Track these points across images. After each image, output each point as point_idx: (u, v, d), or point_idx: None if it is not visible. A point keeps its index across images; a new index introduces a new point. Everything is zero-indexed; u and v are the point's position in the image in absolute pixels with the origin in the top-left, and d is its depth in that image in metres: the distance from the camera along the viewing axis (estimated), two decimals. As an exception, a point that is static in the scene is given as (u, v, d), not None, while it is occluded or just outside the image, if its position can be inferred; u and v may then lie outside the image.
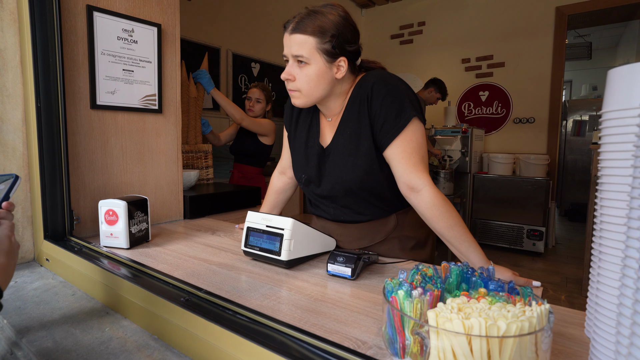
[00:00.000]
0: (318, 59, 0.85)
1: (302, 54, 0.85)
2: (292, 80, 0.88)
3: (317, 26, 0.84)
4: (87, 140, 1.14)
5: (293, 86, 0.89)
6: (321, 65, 0.86)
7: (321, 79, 0.87)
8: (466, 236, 0.83)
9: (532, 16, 3.99)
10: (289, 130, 1.10)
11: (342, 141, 0.92)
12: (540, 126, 4.04)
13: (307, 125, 1.02)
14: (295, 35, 0.85)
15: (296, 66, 0.87)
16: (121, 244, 1.00)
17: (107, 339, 0.65)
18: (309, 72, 0.86)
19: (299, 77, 0.87)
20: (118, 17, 1.19)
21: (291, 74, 0.88)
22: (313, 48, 0.84)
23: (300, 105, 0.92)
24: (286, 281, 0.79)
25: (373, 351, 0.52)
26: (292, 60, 0.87)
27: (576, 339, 0.57)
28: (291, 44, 0.86)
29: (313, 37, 0.84)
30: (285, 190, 1.22)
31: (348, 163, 0.91)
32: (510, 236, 3.77)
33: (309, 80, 0.86)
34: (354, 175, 0.91)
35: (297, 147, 1.05)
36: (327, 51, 0.85)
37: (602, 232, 0.48)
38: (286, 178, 1.20)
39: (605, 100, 0.49)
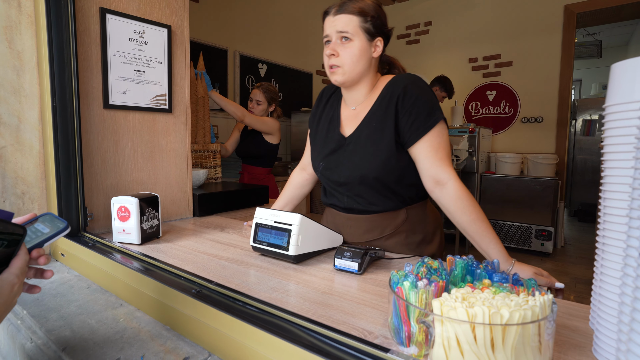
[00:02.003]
0: (361, 36, 0.94)
1: (347, 30, 0.93)
2: (336, 56, 0.95)
3: (359, 7, 0.94)
4: (100, 139, 1.17)
5: (336, 61, 0.96)
6: (363, 42, 0.95)
7: (362, 56, 0.95)
8: (488, 231, 0.86)
9: (540, 15, 3.96)
10: (312, 127, 1.16)
11: (366, 132, 0.98)
12: (549, 125, 4.00)
13: (328, 119, 1.09)
14: (340, 15, 0.94)
15: (340, 43, 0.95)
16: (133, 239, 1.02)
17: (121, 329, 0.67)
18: (353, 48, 0.94)
19: (342, 53, 0.95)
20: (130, 19, 1.22)
21: (335, 50, 0.95)
22: (357, 26, 0.94)
23: (339, 81, 0.98)
24: (294, 275, 0.81)
25: (379, 340, 0.54)
26: (336, 37, 0.95)
27: (581, 331, 0.57)
28: (336, 23, 0.94)
29: (357, 17, 0.93)
30: (303, 186, 1.25)
31: (368, 152, 0.96)
32: (518, 236, 3.74)
33: (351, 55, 0.94)
34: (372, 165, 0.95)
35: (317, 138, 1.11)
36: (368, 30, 0.94)
37: (605, 225, 0.49)
38: (306, 174, 1.24)
39: (609, 94, 0.50)
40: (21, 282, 0.51)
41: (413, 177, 0.99)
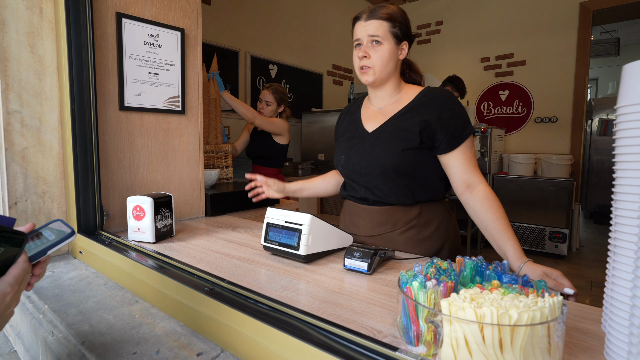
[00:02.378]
0: (390, 40, 1.02)
1: (378, 34, 1.01)
2: (368, 57, 1.03)
3: (388, 14, 1.02)
4: (116, 140, 1.20)
5: (367, 63, 1.03)
6: (392, 46, 1.03)
7: (391, 58, 1.03)
8: (506, 230, 0.91)
9: (554, 12, 3.89)
10: (337, 132, 1.25)
11: (390, 129, 1.05)
12: (563, 125, 3.93)
13: (351, 122, 1.18)
14: (372, 20, 1.02)
15: (371, 47, 1.03)
16: (147, 238, 1.05)
17: (137, 325, 0.69)
18: (383, 50, 1.02)
19: (373, 55, 1.03)
20: (144, 23, 1.25)
21: (367, 52, 1.03)
22: (386, 30, 1.02)
23: (370, 81, 1.06)
24: (304, 275, 0.82)
25: (388, 340, 0.54)
26: (367, 41, 1.03)
27: (592, 333, 0.57)
28: (367, 27, 1.02)
29: (386, 22, 1.01)
30: (332, 184, 1.29)
31: (390, 146, 1.03)
32: (531, 238, 3.68)
33: (382, 57, 1.02)
34: (393, 157, 1.02)
35: (341, 140, 1.18)
36: (396, 34, 1.03)
37: (617, 226, 0.48)
38: (339, 178, 1.29)
39: (620, 95, 0.50)
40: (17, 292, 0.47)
41: (430, 178, 1.05)
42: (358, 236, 1.12)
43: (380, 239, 1.07)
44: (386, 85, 1.09)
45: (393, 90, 1.09)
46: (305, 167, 3.37)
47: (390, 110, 1.08)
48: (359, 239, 1.12)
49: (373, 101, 1.14)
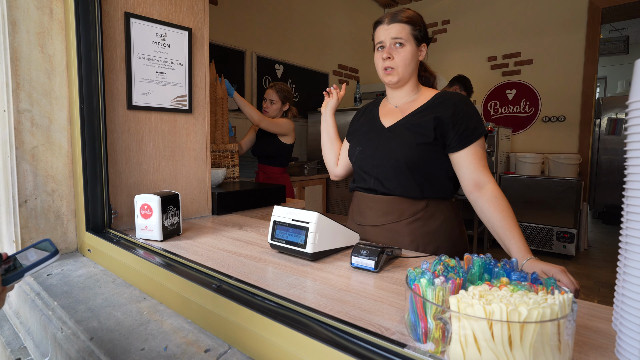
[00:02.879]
0: (412, 41, 1.07)
1: (401, 36, 1.06)
2: (392, 58, 1.08)
3: (409, 17, 1.07)
4: (124, 139, 1.21)
5: (391, 64, 1.08)
6: (413, 47, 1.08)
7: (412, 59, 1.08)
8: (512, 229, 0.91)
9: (562, 10, 3.85)
10: (350, 128, 1.29)
11: (407, 125, 1.09)
12: (572, 125, 3.89)
13: (368, 118, 1.23)
14: (394, 24, 1.07)
15: (394, 48, 1.07)
16: (155, 236, 1.06)
17: (145, 322, 0.70)
18: (405, 52, 1.07)
19: (397, 57, 1.07)
20: (152, 23, 1.26)
21: (391, 54, 1.08)
22: (408, 33, 1.07)
23: (394, 82, 1.10)
24: (311, 272, 0.82)
25: (396, 337, 0.54)
26: (390, 43, 1.08)
27: (603, 332, 0.56)
28: (390, 30, 1.07)
29: (408, 25, 1.07)
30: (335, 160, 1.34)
31: (405, 140, 1.06)
32: (539, 238, 3.65)
33: (404, 58, 1.07)
34: (407, 151, 1.05)
35: (357, 133, 1.22)
36: (416, 37, 1.08)
37: (628, 224, 0.48)
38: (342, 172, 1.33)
39: (632, 91, 0.49)
40: None
41: (440, 176, 1.07)
42: (365, 226, 1.13)
43: (385, 229, 1.09)
44: (406, 86, 1.13)
45: (411, 90, 1.14)
46: (311, 166, 3.37)
47: (408, 108, 1.12)
48: (365, 228, 1.13)
49: (391, 100, 1.18)
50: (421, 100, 1.11)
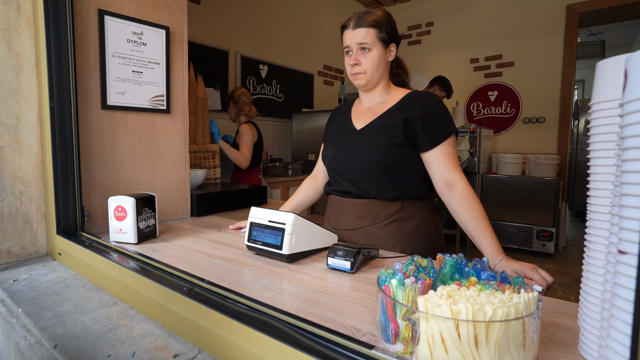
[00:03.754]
0: (378, 45, 1.06)
1: (366, 41, 1.05)
2: (358, 64, 1.07)
3: (374, 20, 1.05)
4: (98, 140, 1.18)
5: (359, 69, 1.07)
6: (380, 50, 1.06)
7: (380, 62, 1.07)
8: (484, 229, 0.92)
9: (542, 14, 3.95)
10: (326, 131, 1.27)
11: (377, 127, 1.08)
12: (551, 126, 3.99)
13: (341, 120, 1.22)
14: (359, 29, 1.05)
15: (360, 53, 1.07)
16: (129, 239, 1.03)
17: (114, 327, 0.68)
18: (372, 56, 1.06)
19: (364, 61, 1.06)
20: (128, 21, 1.23)
21: (357, 60, 1.07)
22: (374, 37, 1.05)
23: (363, 84, 1.10)
24: (287, 274, 0.81)
25: (367, 338, 0.54)
26: (357, 48, 1.06)
27: (569, 328, 0.57)
28: (355, 36, 1.05)
29: (373, 29, 1.04)
30: (313, 194, 1.32)
31: (376, 141, 1.06)
32: (519, 237, 3.72)
33: (372, 63, 1.06)
34: (378, 152, 1.05)
35: (331, 136, 1.22)
36: (383, 39, 1.06)
37: (591, 222, 0.49)
38: (317, 183, 1.32)
39: (594, 92, 0.50)
40: None
41: (413, 176, 1.07)
42: (341, 230, 1.13)
43: (362, 232, 1.09)
44: (377, 88, 1.13)
45: (382, 91, 1.13)
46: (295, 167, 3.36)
47: (379, 110, 1.12)
48: (341, 232, 1.13)
49: (363, 101, 1.18)
50: (392, 100, 1.11)
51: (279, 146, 3.99)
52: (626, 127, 0.36)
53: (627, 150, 0.36)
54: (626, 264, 0.35)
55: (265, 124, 3.80)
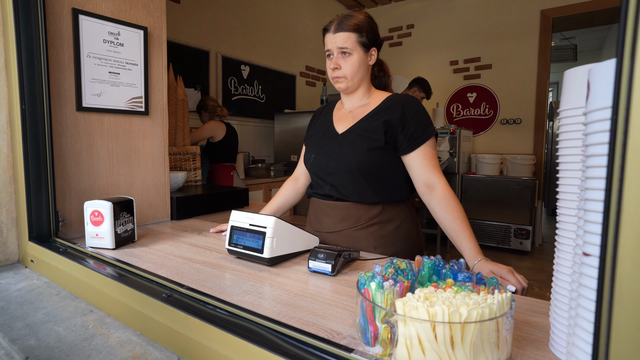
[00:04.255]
0: (359, 49, 1.06)
1: (347, 46, 1.05)
2: (339, 68, 1.07)
3: (355, 24, 1.05)
4: (73, 142, 1.15)
5: (339, 73, 1.08)
6: (361, 55, 1.07)
7: (361, 66, 1.08)
8: (463, 230, 0.94)
9: (517, 19, 4.07)
10: (307, 134, 1.28)
11: (359, 130, 1.09)
12: (527, 127, 4.11)
13: (322, 123, 1.22)
14: (339, 33, 1.05)
15: (341, 57, 1.07)
16: (107, 244, 1.01)
17: (90, 336, 0.66)
18: (353, 60, 1.06)
19: (344, 65, 1.07)
20: (104, 20, 1.20)
21: (338, 64, 1.07)
22: (354, 41, 1.05)
23: (343, 88, 1.11)
24: (268, 278, 0.81)
25: (347, 341, 0.54)
26: (337, 53, 1.07)
27: (541, 326, 0.59)
28: (336, 40, 1.06)
29: (353, 33, 1.05)
30: (295, 196, 1.31)
31: (357, 146, 1.07)
32: (498, 235, 3.82)
33: (352, 67, 1.06)
34: (359, 156, 1.05)
35: (312, 139, 1.22)
36: (364, 43, 1.06)
37: (560, 224, 0.51)
38: (298, 184, 1.31)
39: (562, 99, 0.52)
40: None
41: (395, 179, 1.08)
42: (322, 233, 1.14)
43: (343, 235, 1.09)
44: (358, 91, 1.14)
45: (363, 94, 1.14)
46: (277, 168, 3.35)
47: (360, 113, 1.13)
48: (323, 235, 1.14)
49: (345, 104, 1.19)
50: (373, 104, 1.12)
51: (260, 147, 3.96)
52: (589, 135, 0.38)
53: (590, 157, 0.38)
54: (589, 266, 0.37)
55: (247, 125, 3.77)
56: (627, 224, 0.28)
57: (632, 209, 0.28)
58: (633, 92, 0.27)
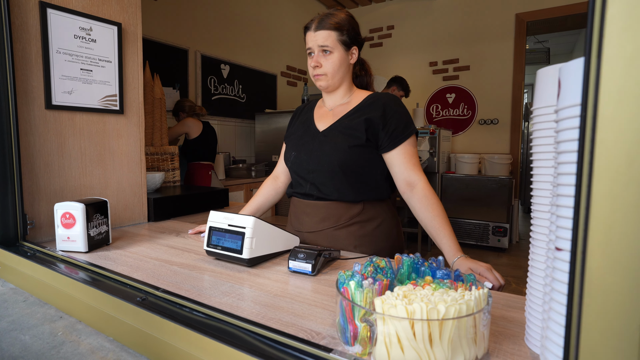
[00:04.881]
0: (339, 48, 1.07)
1: (327, 44, 1.05)
2: (320, 66, 1.08)
3: (336, 23, 1.05)
4: (42, 142, 1.10)
5: (320, 71, 1.08)
6: (342, 53, 1.07)
7: (341, 64, 1.08)
8: (443, 227, 0.95)
9: (493, 22, 4.17)
10: (288, 130, 1.27)
11: (340, 128, 1.09)
12: (504, 127, 4.22)
13: (303, 121, 1.22)
14: (320, 31, 1.06)
15: (322, 55, 1.07)
16: (79, 247, 0.97)
17: (59, 344, 0.63)
18: (333, 58, 1.07)
19: (325, 63, 1.07)
20: (74, 15, 1.16)
21: (319, 62, 1.08)
22: (335, 40, 1.06)
23: (324, 86, 1.11)
24: (248, 279, 0.80)
25: (326, 341, 0.54)
26: (318, 51, 1.07)
27: (517, 321, 0.61)
28: (317, 38, 1.06)
29: (334, 32, 1.05)
30: (275, 195, 1.30)
31: (338, 143, 1.07)
32: (477, 233, 3.91)
33: (333, 65, 1.07)
34: (340, 154, 1.06)
35: (293, 137, 1.21)
36: (344, 42, 1.07)
37: (534, 220, 0.52)
38: (277, 183, 1.30)
39: (535, 98, 0.53)
40: None
41: (375, 177, 1.08)
42: (303, 232, 1.13)
43: (323, 234, 1.09)
44: (339, 89, 1.14)
45: (344, 93, 1.15)
46: (258, 168, 3.32)
47: (341, 111, 1.13)
48: (304, 235, 1.13)
49: (326, 102, 1.19)
50: (354, 102, 1.12)
51: (241, 147, 3.92)
52: (560, 132, 0.38)
53: (561, 153, 0.39)
54: (562, 260, 0.38)
55: (228, 125, 3.72)
56: (596, 218, 0.28)
57: (601, 204, 0.28)
58: (600, 89, 0.28)
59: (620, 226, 0.28)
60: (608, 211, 0.28)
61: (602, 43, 0.28)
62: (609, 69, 0.28)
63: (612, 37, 0.27)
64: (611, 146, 0.28)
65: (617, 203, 0.28)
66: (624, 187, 0.27)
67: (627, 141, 0.27)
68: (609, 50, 0.28)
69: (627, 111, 0.27)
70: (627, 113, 0.27)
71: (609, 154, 0.28)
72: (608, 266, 0.28)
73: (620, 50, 0.27)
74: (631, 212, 0.27)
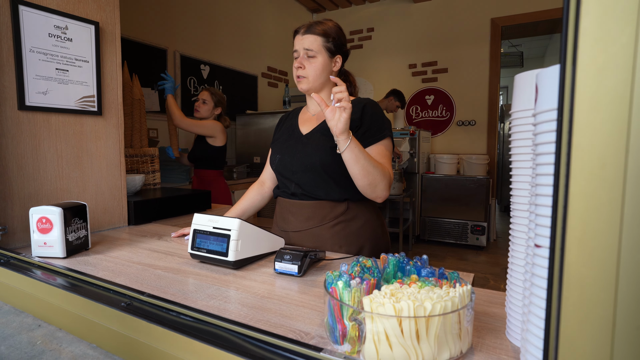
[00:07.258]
0: (324, 53, 1.11)
1: (312, 48, 1.09)
2: (303, 68, 1.11)
3: (323, 30, 1.10)
4: (15, 144, 1.06)
5: (302, 73, 1.11)
6: (325, 59, 1.11)
7: (324, 70, 1.11)
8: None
9: (470, 26, 4.29)
10: (274, 137, 1.30)
11: (321, 130, 1.13)
12: (481, 128, 4.34)
13: (288, 126, 1.25)
14: (307, 35, 1.10)
15: (306, 59, 1.11)
16: (57, 253, 0.94)
17: (38, 353, 0.61)
18: (316, 63, 1.10)
19: (308, 67, 1.11)
20: (49, 13, 1.12)
21: (302, 64, 1.11)
22: (320, 45, 1.10)
23: (305, 89, 1.13)
24: (234, 281, 0.79)
25: (315, 341, 0.54)
26: (303, 53, 1.11)
27: (498, 316, 0.63)
28: (303, 41, 1.10)
29: (321, 37, 1.10)
30: (260, 200, 1.31)
31: (319, 144, 1.10)
32: (456, 232, 4.00)
33: (315, 69, 1.10)
34: (322, 154, 1.08)
35: (278, 142, 1.24)
36: (329, 49, 1.11)
37: (514, 219, 0.54)
38: (264, 188, 1.31)
39: (513, 102, 0.55)
40: None
41: None
42: (288, 232, 1.14)
43: (309, 234, 1.11)
44: (321, 94, 1.16)
45: (327, 98, 1.17)
46: (240, 170, 3.29)
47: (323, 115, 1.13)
48: (289, 234, 1.14)
49: (310, 107, 1.23)
50: None
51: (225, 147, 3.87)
52: (538, 135, 0.41)
53: (539, 155, 0.41)
54: (541, 256, 0.40)
55: (209, 126, 3.66)
56: (573, 216, 0.30)
57: (578, 202, 0.30)
58: (575, 96, 0.30)
59: (595, 223, 0.30)
60: (583, 209, 0.30)
61: (576, 53, 0.30)
62: (583, 77, 0.30)
63: (585, 47, 0.29)
64: (586, 149, 0.30)
65: (591, 202, 0.30)
66: (597, 187, 0.29)
67: (599, 144, 0.29)
68: (582, 60, 0.30)
69: (599, 117, 0.29)
70: (599, 119, 0.29)
71: (584, 156, 0.30)
72: (584, 261, 0.30)
73: (592, 60, 0.29)
74: (604, 210, 0.29)
